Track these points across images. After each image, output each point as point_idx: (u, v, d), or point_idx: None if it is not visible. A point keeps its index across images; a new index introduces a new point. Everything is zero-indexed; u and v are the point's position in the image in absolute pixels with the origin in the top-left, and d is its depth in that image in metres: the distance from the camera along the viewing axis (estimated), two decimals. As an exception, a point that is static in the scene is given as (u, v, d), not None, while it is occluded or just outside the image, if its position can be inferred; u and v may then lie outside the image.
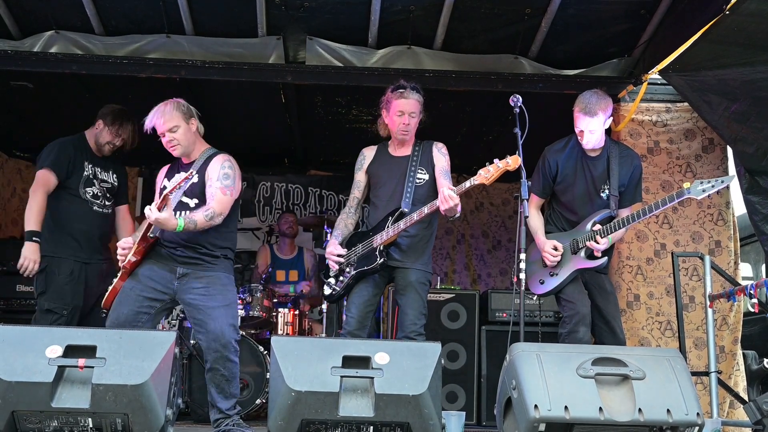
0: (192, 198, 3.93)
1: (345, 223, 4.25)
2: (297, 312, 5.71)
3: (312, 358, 3.08)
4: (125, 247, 3.92)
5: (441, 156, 4.12)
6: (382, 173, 4.17)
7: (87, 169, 4.50)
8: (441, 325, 5.50)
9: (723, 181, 3.83)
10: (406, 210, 3.98)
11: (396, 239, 3.99)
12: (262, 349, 5.05)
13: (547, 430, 3.01)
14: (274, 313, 5.57)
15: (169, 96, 4.06)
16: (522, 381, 3.09)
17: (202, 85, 5.44)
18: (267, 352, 4.98)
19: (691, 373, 3.42)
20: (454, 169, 4.31)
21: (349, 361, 3.09)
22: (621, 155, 4.17)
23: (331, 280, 4.17)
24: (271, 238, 7.45)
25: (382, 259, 3.96)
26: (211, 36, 5.07)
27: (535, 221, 4.24)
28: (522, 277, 3.73)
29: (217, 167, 3.93)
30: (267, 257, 6.54)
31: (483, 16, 4.84)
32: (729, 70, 4.49)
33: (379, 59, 5.14)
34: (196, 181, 3.88)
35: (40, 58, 5.04)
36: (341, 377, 3.04)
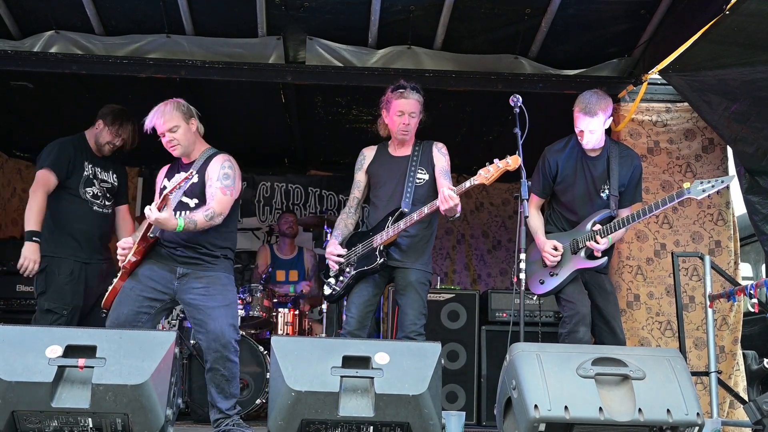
0: (192, 198, 3.93)
1: (345, 223, 4.25)
2: (297, 312, 5.71)
3: (312, 358, 3.08)
4: (125, 247, 3.92)
5: (441, 156, 4.12)
6: (382, 173, 4.17)
7: (87, 169, 4.49)
8: (441, 325, 5.50)
9: (723, 181, 3.83)
10: (406, 210, 3.98)
11: (396, 239, 3.99)
12: (262, 349, 5.05)
13: (547, 430, 3.01)
14: (274, 313, 5.56)
15: (169, 96, 4.06)
16: (522, 381, 3.09)
17: (202, 85, 5.44)
18: (267, 352, 4.98)
19: (691, 373, 3.42)
20: (454, 169, 4.31)
21: (349, 361, 3.08)
22: (621, 155, 4.17)
23: (331, 280, 4.17)
24: (271, 238, 7.45)
25: (382, 259, 3.96)
26: (211, 36, 5.07)
27: (535, 221, 4.24)
28: (522, 277, 3.73)
29: (217, 167, 3.93)
30: (267, 257, 6.54)
31: (483, 16, 4.84)
32: (729, 70, 4.49)
33: (379, 59, 5.14)
34: (196, 181, 3.87)
35: (40, 58, 5.04)
36: (341, 377, 3.04)
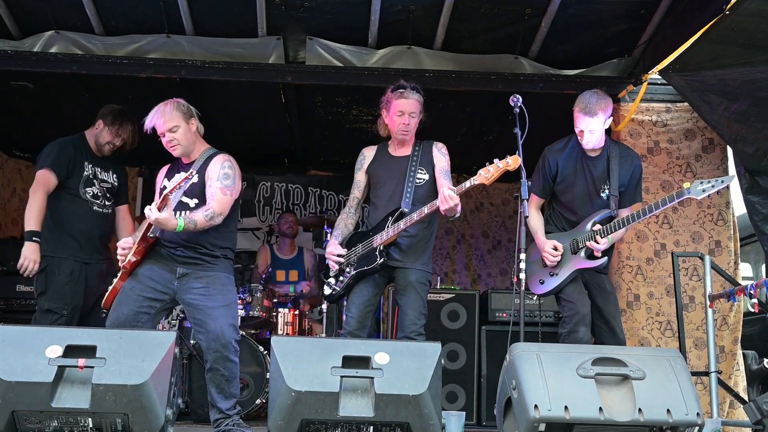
0: (192, 198, 3.93)
1: (345, 223, 4.25)
2: (297, 312, 5.71)
3: (312, 358, 3.08)
4: (125, 247, 3.92)
5: (441, 156, 4.12)
6: (382, 173, 4.17)
7: (87, 169, 4.49)
8: (441, 325, 5.50)
9: (723, 181, 3.83)
10: (406, 210, 3.98)
11: (396, 239, 3.99)
12: (262, 349, 5.05)
13: (547, 430, 3.01)
14: (274, 313, 5.56)
15: (169, 96, 4.06)
16: (522, 381, 3.08)
17: (202, 85, 5.44)
18: (267, 352, 4.98)
19: (691, 373, 3.42)
20: (454, 169, 4.31)
21: (349, 361, 3.08)
22: (621, 155, 4.16)
23: (331, 280, 4.17)
24: (271, 238, 7.45)
25: (382, 259, 3.96)
26: (211, 36, 5.07)
27: (535, 221, 4.24)
28: (522, 277, 3.73)
29: (217, 167, 3.93)
30: (267, 257, 6.54)
31: (483, 16, 4.84)
32: (729, 70, 4.48)
33: (379, 59, 5.14)
34: (196, 181, 3.87)
35: (40, 58, 5.04)
36: (341, 377, 3.04)
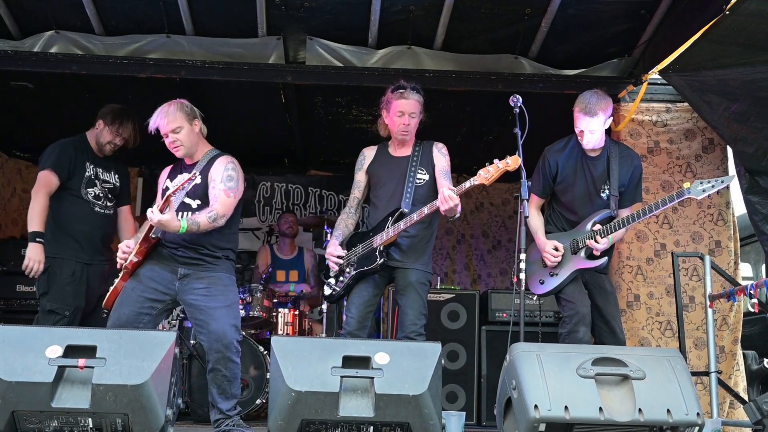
0: (194, 199, 3.92)
1: (345, 224, 4.25)
2: (297, 312, 5.71)
3: (312, 358, 3.08)
4: (125, 251, 3.92)
5: (441, 156, 4.12)
6: (382, 173, 4.17)
7: (88, 169, 4.49)
8: (441, 325, 5.50)
9: (723, 181, 3.83)
10: (406, 210, 3.97)
11: (396, 239, 3.99)
12: (262, 349, 5.05)
13: (547, 430, 3.01)
14: (274, 313, 5.56)
15: (169, 96, 4.06)
16: (522, 381, 3.08)
17: (202, 85, 5.44)
18: (267, 352, 4.98)
19: (691, 373, 3.42)
20: (454, 169, 4.31)
21: (349, 361, 3.09)
22: (621, 155, 4.16)
23: (331, 281, 4.17)
24: (271, 238, 7.45)
25: (382, 260, 3.96)
26: (211, 36, 5.07)
27: (535, 221, 4.24)
28: (522, 277, 3.73)
29: (220, 169, 3.93)
30: (267, 257, 6.54)
31: (483, 16, 4.84)
32: (729, 70, 4.48)
33: (379, 59, 5.14)
34: (199, 182, 3.87)
35: (40, 58, 5.04)
36: (341, 377, 3.04)
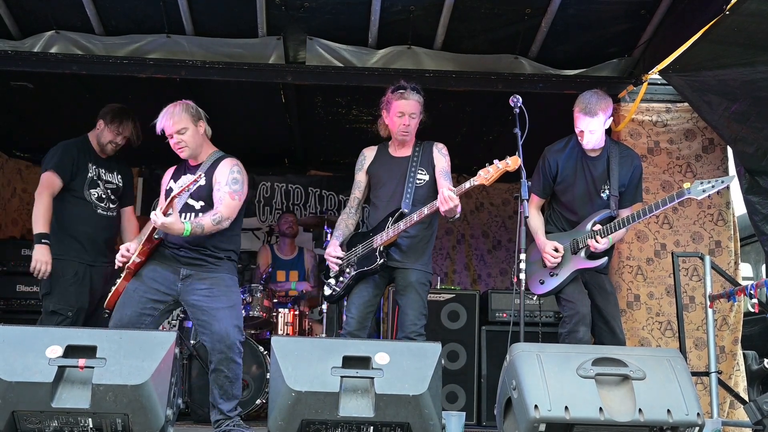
0: (198, 200, 3.92)
1: (345, 224, 4.24)
2: (297, 312, 5.71)
3: (312, 359, 3.08)
4: (125, 254, 3.91)
5: (441, 156, 4.12)
6: (382, 174, 4.17)
7: (91, 170, 4.50)
8: (441, 325, 5.50)
9: (723, 182, 3.83)
10: (406, 210, 3.97)
11: (396, 240, 3.99)
12: (262, 349, 5.05)
13: (547, 431, 3.01)
14: (274, 314, 5.56)
15: (169, 96, 4.06)
16: (522, 381, 3.08)
17: (202, 85, 5.44)
18: (267, 352, 4.98)
19: (692, 374, 3.42)
20: (454, 169, 4.31)
21: (350, 362, 3.08)
22: (621, 155, 4.16)
23: (331, 281, 4.17)
24: (271, 238, 7.45)
25: (381, 260, 3.96)
26: (211, 36, 5.07)
27: (536, 221, 4.24)
28: (522, 277, 3.73)
29: (225, 171, 3.93)
30: (268, 257, 6.54)
31: (483, 16, 4.84)
32: (729, 70, 4.48)
33: (379, 59, 5.14)
34: (203, 183, 3.86)
35: (40, 58, 5.04)
36: (341, 377, 3.04)
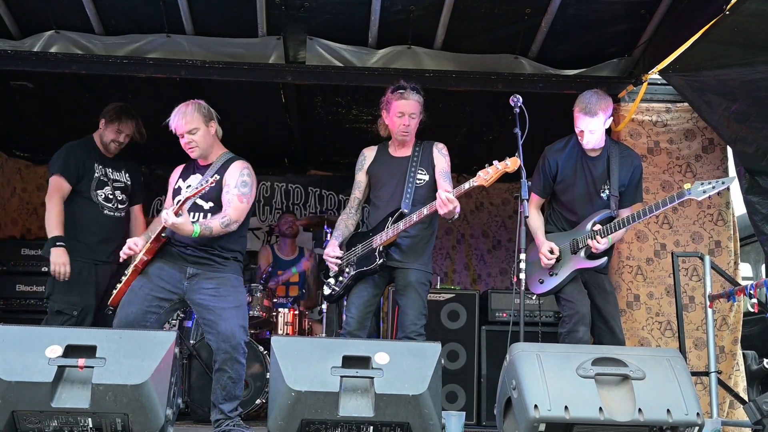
0: (207, 201, 3.93)
1: (345, 224, 4.24)
2: (297, 312, 5.71)
3: (312, 358, 3.08)
4: (132, 248, 3.90)
5: (441, 157, 4.11)
6: (382, 174, 4.17)
7: (97, 170, 4.53)
8: (441, 325, 5.50)
9: (723, 183, 3.82)
10: (406, 211, 3.97)
11: (396, 240, 3.99)
12: (262, 348, 5.05)
13: (547, 430, 3.01)
14: (274, 313, 5.56)
15: (169, 96, 4.07)
16: (522, 381, 3.08)
17: (202, 85, 5.44)
18: (267, 352, 4.98)
19: (691, 373, 3.42)
20: (454, 169, 4.31)
21: (349, 361, 3.09)
22: (621, 155, 4.16)
23: (331, 280, 4.17)
24: (271, 238, 7.45)
25: (381, 260, 3.96)
26: (211, 36, 5.07)
27: (535, 221, 4.24)
28: (522, 277, 3.73)
29: (236, 174, 3.93)
30: (269, 257, 6.54)
31: (483, 16, 4.84)
32: (729, 70, 4.49)
33: (379, 59, 5.14)
34: (214, 185, 3.88)
35: (40, 57, 5.04)
36: (341, 377, 3.04)
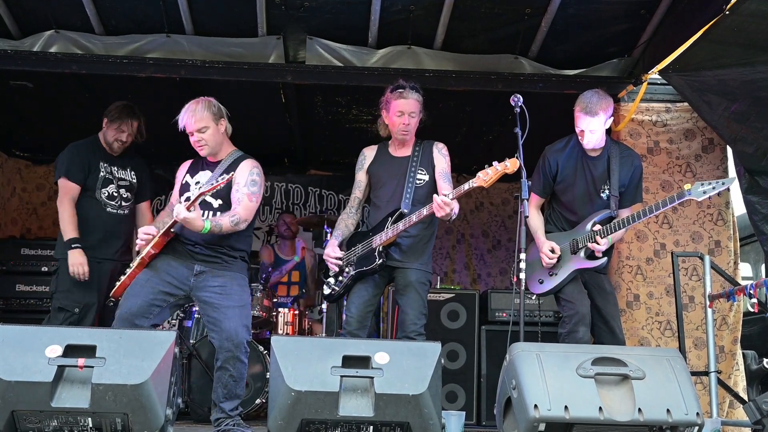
0: (216, 199, 3.93)
1: (345, 224, 4.24)
2: (297, 312, 5.72)
3: (312, 358, 3.08)
4: (147, 233, 3.90)
5: (441, 157, 4.11)
6: (382, 173, 4.17)
7: (103, 169, 4.54)
8: (441, 324, 5.50)
9: (724, 183, 3.82)
10: (406, 211, 3.97)
11: (396, 240, 3.99)
12: (262, 348, 5.05)
13: (547, 430, 3.01)
14: (274, 313, 5.57)
15: (169, 96, 4.07)
16: (522, 381, 3.08)
17: (202, 85, 5.42)
18: (267, 352, 4.98)
19: (691, 373, 3.42)
20: (454, 169, 4.31)
21: (349, 361, 3.08)
22: (621, 155, 4.16)
23: (331, 280, 4.17)
24: (272, 238, 7.44)
25: (381, 260, 3.96)
26: (211, 35, 5.07)
27: (535, 221, 4.24)
28: (522, 277, 3.73)
29: (245, 172, 3.93)
30: (270, 256, 6.54)
31: (483, 16, 4.84)
32: (729, 70, 4.49)
33: (379, 59, 5.14)
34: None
35: (39, 57, 5.04)
36: (341, 377, 3.04)
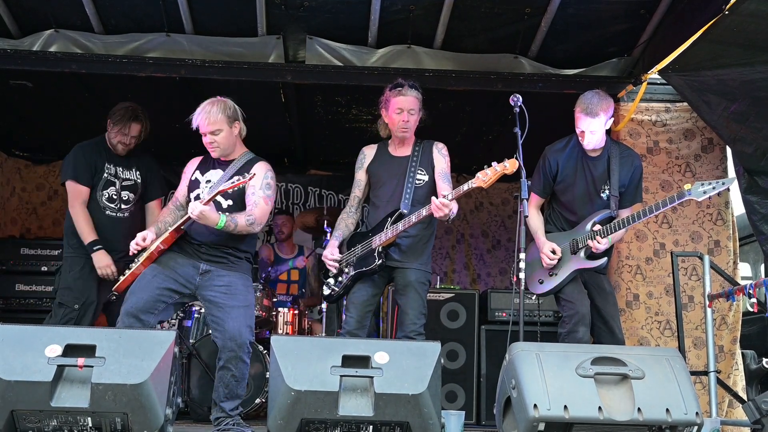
0: (227, 199, 3.94)
1: (345, 223, 4.24)
2: (297, 311, 5.72)
3: (312, 358, 3.08)
4: (139, 243, 3.91)
5: (441, 157, 4.11)
6: (382, 173, 4.17)
7: (107, 170, 4.56)
8: (441, 324, 5.50)
9: (724, 183, 3.82)
10: (405, 211, 3.97)
11: (395, 240, 3.99)
12: (261, 348, 5.06)
13: (547, 430, 3.01)
14: (274, 313, 5.57)
15: (168, 95, 4.06)
16: (521, 380, 3.09)
17: (201, 85, 5.43)
18: (267, 351, 4.98)
19: (691, 373, 3.42)
20: (454, 169, 4.31)
21: (349, 361, 3.09)
22: (621, 155, 4.16)
23: (330, 281, 4.17)
24: (271, 237, 7.44)
25: (380, 260, 3.96)
26: (210, 35, 5.07)
27: (535, 221, 4.24)
28: (522, 276, 3.73)
29: (261, 176, 3.94)
30: (270, 255, 6.54)
31: (483, 16, 4.84)
32: (728, 70, 4.49)
33: (379, 59, 5.14)
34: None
35: (39, 57, 5.04)
36: (341, 377, 3.04)
